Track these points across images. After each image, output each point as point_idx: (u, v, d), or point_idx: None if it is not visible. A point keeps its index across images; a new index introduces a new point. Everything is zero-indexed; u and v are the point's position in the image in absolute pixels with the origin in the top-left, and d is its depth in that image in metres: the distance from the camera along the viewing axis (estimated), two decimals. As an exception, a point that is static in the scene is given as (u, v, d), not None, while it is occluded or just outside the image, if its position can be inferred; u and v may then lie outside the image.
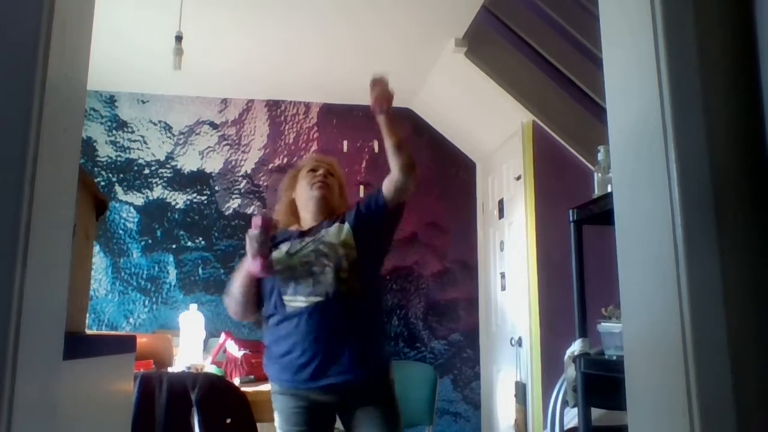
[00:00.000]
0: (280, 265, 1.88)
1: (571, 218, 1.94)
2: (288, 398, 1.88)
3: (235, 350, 2.72)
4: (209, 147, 4.15)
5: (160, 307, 3.92)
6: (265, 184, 4.15)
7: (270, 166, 4.18)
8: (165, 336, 2.98)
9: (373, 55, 3.52)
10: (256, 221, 1.84)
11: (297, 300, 1.84)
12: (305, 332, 1.80)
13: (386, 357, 1.97)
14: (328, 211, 2.01)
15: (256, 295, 1.94)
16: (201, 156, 4.13)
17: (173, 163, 4.10)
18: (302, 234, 1.96)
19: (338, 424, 1.99)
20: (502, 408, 3.74)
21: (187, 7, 2.81)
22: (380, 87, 1.82)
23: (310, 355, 1.80)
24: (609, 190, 1.79)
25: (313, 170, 2.04)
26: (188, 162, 4.11)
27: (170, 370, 2.59)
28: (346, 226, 1.91)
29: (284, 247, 1.93)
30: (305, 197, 2.02)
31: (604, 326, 1.76)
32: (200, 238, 4.04)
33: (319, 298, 1.81)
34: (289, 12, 3.04)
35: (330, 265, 1.83)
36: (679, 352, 0.77)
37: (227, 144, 4.17)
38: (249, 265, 1.86)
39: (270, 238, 1.86)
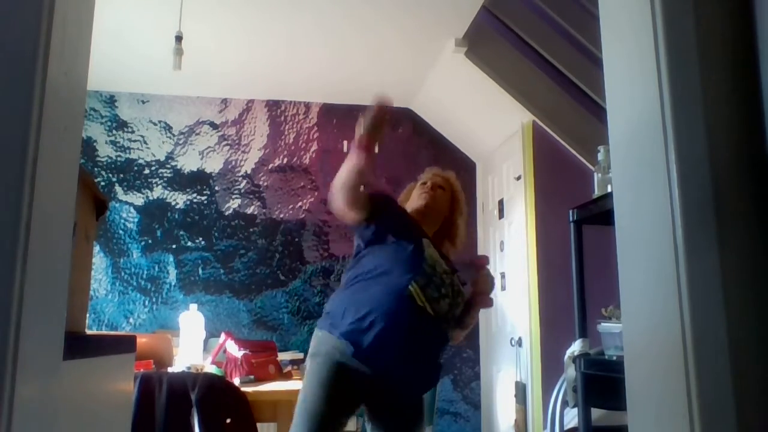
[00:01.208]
0: (429, 261, 1.87)
1: (571, 218, 1.94)
2: (332, 358, 1.78)
3: (235, 350, 2.72)
4: (209, 147, 4.15)
5: (160, 307, 3.92)
6: (265, 184, 4.15)
7: (270, 166, 4.18)
8: (165, 336, 2.98)
9: (373, 56, 3.52)
10: (375, 105, 1.84)
11: (421, 295, 1.81)
12: (407, 324, 1.77)
13: (430, 386, 2.10)
14: (429, 223, 2.07)
15: (363, 181, 1.88)
16: (201, 156, 4.13)
17: (173, 163, 4.10)
18: (431, 241, 1.97)
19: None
20: (502, 408, 3.74)
21: (187, 7, 2.81)
22: (383, 105, 1.87)
23: (392, 342, 1.76)
24: (609, 190, 1.79)
25: (425, 183, 2.14)
26: (188, 162, 4.11)
27: (170, 370, 2.59)
28: (463, 287, 2.00)
29: (429, 245, 1.93)
30: (414, 204, 2.10)
31: (604, 326, 1.76)
32: (200, 238, 4.04)
33: (432, 313, 1.82)
34: (289, 12, 3.04)
35: (449, 300, 1.88)
36: (679, 352, 0.77)
37: (227, 144, 4.17)
38: (353, 157, 1.84)
39: (384, 122, 1.86)
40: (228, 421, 2.23)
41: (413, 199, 2.11)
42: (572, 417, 2.23)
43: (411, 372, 1.84)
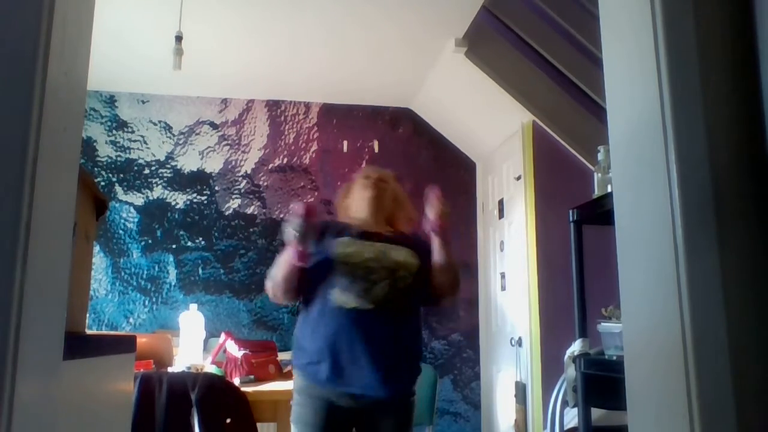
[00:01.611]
0: (341, 258, 1.85)
1: (571, 218, 1.94)
2: (308, 396, 1.86)
3: (235, 350, 2.72)
4: (209, 147, 4.15)
5: (160, 307, 3.92)
6: (265, 184, 4.15)
7: (270, 166, 4.18)
8: (165, 336, 2.98)
9: (373, 56, 3.52)
10: (298, 209, 1.78)
11: (347, 299, 1.82)
12: (347, 334, 1.79)
13: (415, 377, 1.97)
14: (383, 215, 2.05)
15: (299, 281, 1.90)
16: (201, 156, 4.13)
17: (173, 163, 4.10)
18: (363, 234, 1.94)
19: None
20: (502, 408, 3.74)
21: (187, 7, 2.81)
22: (440, 206, 1.84)
23: (345, 357, 1.79)
24: (609, 190, 1.79)
25: (367, 177, 2.12)
26: (188, 162, 4.11)
27: (170, 370, 2.59)
28: (413, 253, 1.93)
29: (346, 241, 1.91)
30: (357, 198, 2.07)
31: (604, 326, 1.76)
32: (200, 238, 4.04)
33: (370, 306, 1.81)
34: (289, 13, 3.04)
35: (388, 279, 1.84)
36: (679, 352, 0.77)
37: (227, 144, 4.17)
38: (286, 255, 1.84)
39: (312, 226, 1.82)
40: (228, 421, 2.23)
41: (357, 193, 2.09)
42: (572, 417, 2.23)
43: (385, 374, 1.81)
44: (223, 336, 2.84)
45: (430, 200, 1.85)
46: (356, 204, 2.08)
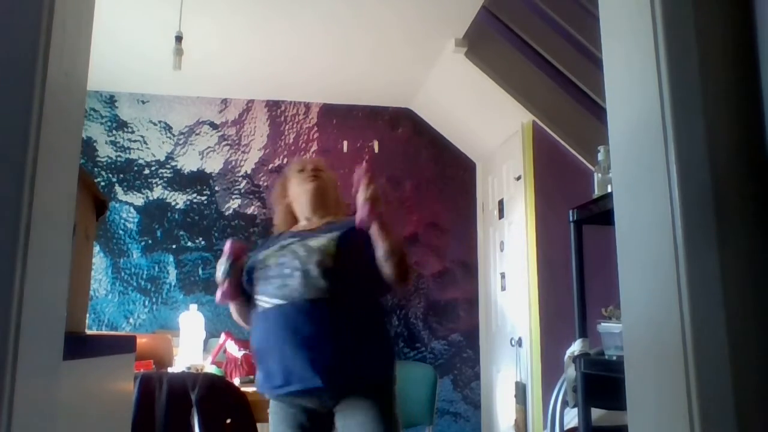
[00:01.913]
0: (258, 265, 1.84)
1: (571, 218, 1.94)
2: (275, 402, 1.85)
3: (235, 350, 2.72)
4: (209, 147, 4.15)
5: (160, 307, 3.92)
6: (265, 184, 4.15)
7: (270, 166, 4.18)
8: (165, 336, 2.99)
9: (373, 56, 3.52)
10: (228, 246, 1.84)
11: (264, 300, 1.79)
12: (273, 333, 1.75)
13: (371, 363, 1.79)
14: (326, 207, 1.98)
15: (246, 305, 1.91)
16: (201, 156, 4.13)
17: (173, 163, 4.10)
18: (296, 234, 1.92)
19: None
20: (502, 408, 3.74)
21: (187, 7, 2.81)
22: (371, 191, 1.70)
23: (277, 357, 1.73)
24: (609, 190, 1.79)
25: (301, 170, 2.03)
26: (188, 162, 4.11)
27: (170, 370, 2.59)
28: (335, 234, 1.82)
29: (269, 250, 1.88)
30: (300, 193, 1.98)
31: (604, 326, 1.76)
32: (200, 239, 4.04)
33: (281, 301, 1.74)
34: (289, 13, 3.04)
35: (299, 269, 1.75)
36: (679, 352, 0.77)
37: (227, 144, 4.17)
38: (216, 293, 1.88)
39: (239, 266, 1.84)
40: (228, 421, 2.23)
41: (295, 187, 2.01)
42: (572, 417, 2.23)
43: (319, 363, 1.69)
44: (223, 336, 2.84)
45: (358, 184, 1.73)
46: (298, 201, 2.00)
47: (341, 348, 1.72)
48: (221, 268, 1.82)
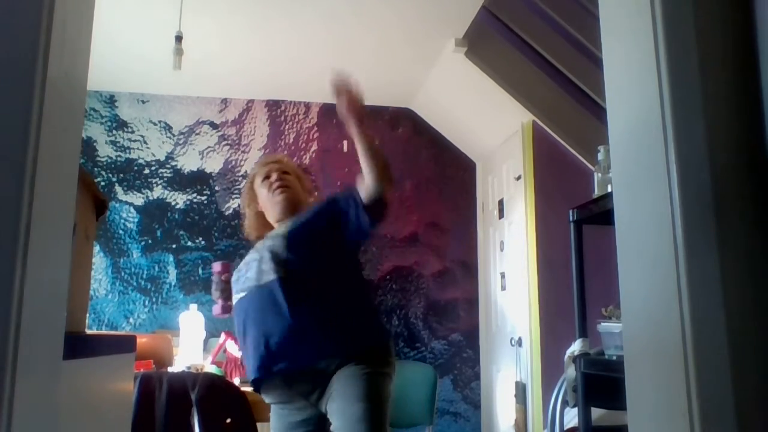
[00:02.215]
0: (238, 271, 1.93)
1: (571, 218, 1.94)
2: (267, 394, 1.84)
3: (235, 350, 2.72)
4: (209, 147, 4.15)
5: (160, 307, 3.92)
6: (265, 184, 4.15)
7: (270, 166, 4.18)
8: (165, 336, 2.98)
9: (373, 56, 3.52)
10: (215, 268, 2.07)
11: (239, 294, 1.84)
12: (251, 319, 1.76)
13: (355, 342, 1.74)
14: (298, 208, 1.99)
15: None
16: (201, 156, 4.13)
17: (173, 163, 4.10)
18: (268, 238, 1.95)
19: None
20: (502, 408, 3.74)
21: (187, 7, 2.81)
22: (349, 91, 1.65)
23: (258, 339, 1.73)
24: (609, 190, 1.79)
25: (267, 177, 1.99)
26: (188, 162, 4.11)
27: (170, 369, 2.59)
28: (299, 217, 1.88)
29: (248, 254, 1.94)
30: (270, 205, 1.97)
31: (604, 326, 1.76)
32: (200, 238, 4.04)
33: (253, 283, 1.77)
34: (289, 13, 3.04)
35: (269, 250, 1.78)
36: (679, 352, 0.77)
37: (227, 144, 4.17)
38: (213, 307, 2.04)
39: (227, 282, 2.02)
40: (228, 421, 2.23)
41: (265, 198, 1.98)
42: (572, 417, 2.23)
43: (301, 342, 1.68)
44: (223, 336, 2.83)
45: (337, 86, 1.65)
46: (269, 211, 1.99)
47: (317, 320, 1.70)
48: (215, 287, 2.09)
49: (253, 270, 1.81)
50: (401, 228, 4.18)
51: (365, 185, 1.76)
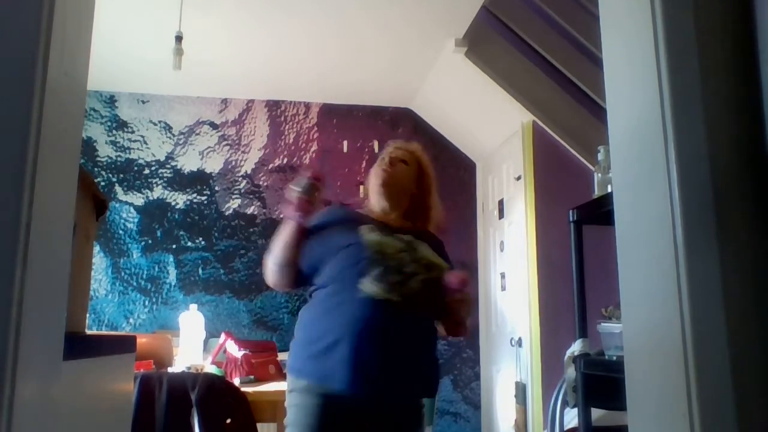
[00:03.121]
0: (373, 246, 1.65)
1: (571, 218, 1.94)
2: (308, 394, 1.60)
3: (235, 350, 2.72)
4: (209, 147, 4.15)
5: (160, 307, 3.92)
6: (265, 184, 4.15)
7: (270, 166, 4.18)
8: (165, 336, 2.98)
9: (373, 56, 3.52)
10: (306, 172, 1.69)
11: (378, 289, 1.59)
12: (372, 324, 1.57)
13: (431, 385, 1.76)
14: (398, 203, 1.83)
15: (298, 257, 1.73)
16: (201, 156, 4.13)
17: (173, 163, 4.10)
18: (381, 224, 1.76)
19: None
20: (502, 408, 3.74)
21: (187, 7, 2.81)
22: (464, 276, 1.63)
23: (365, 349, 1.55)
24: (609, 190, 1.79)
25: (383, 158, 1.87)
26: (188, 162, 4.11)
27: (170, 370, 2.59)
28: (440, 257, 1.74)
29: (371, 228, 1.71)
30: (372, 185, 1.86)
31: (604, 326, 1.76)
32: (200, 238, 4.04)
33: (399, 298, 1.60)
34: (289, 13, 3.04)
35: (422, 275, 1.63)
36: (679, 352, 0.77)
37: (227, 144, 4.17)
38: (292, 217, 1.70)
39: (319, 190, 1.68)
40: (228, 421, 2.23)
41: (372, 179, 1.87)
42: (572, 417, 2.23)
43: (406, 374, 1.62)
44: (223, 336, 2.84)
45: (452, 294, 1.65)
46: (371, 192, 1.87)
47: (427, 369, 1.72)
48: (299, 186, 1.66)
49: (411, 282, 1.62)
50: (401, 228, 4.18)
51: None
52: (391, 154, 1.88)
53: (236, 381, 2.56)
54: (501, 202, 3.87)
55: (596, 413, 1.90)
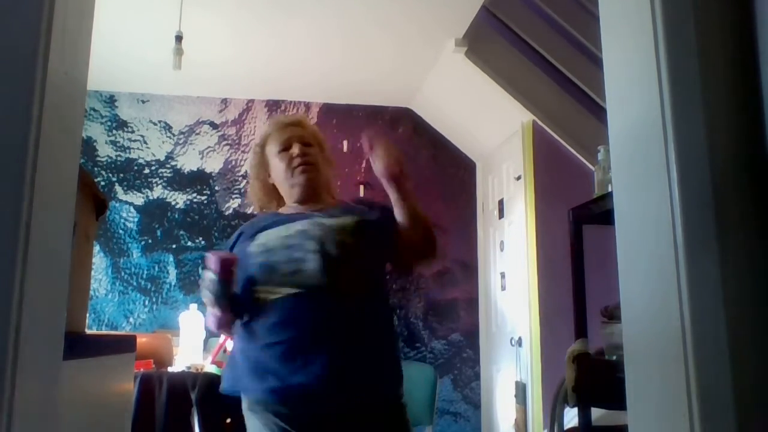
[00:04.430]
0: (256, 251, 1.48)
1: (570, 218, 1.94)
2: (257, 414, 1.48)
3: (235, 350, 2.72)
4: (209, 147, 4.15)
5: (160, 307, 3.92)
6: (265, 184, 4.15)
7: (270, 166, 4.18)
8: (165, 336, 2.99)
9: (373, 56, 3.52)
10: (211, 262, 1.40)
11: (270, 292, 1.43)
12: (275, 330, 1.41)
13: (393, 378, 1.50)
14: (319, 190, 1.64)
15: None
16: (201, 156, 4.13)
17: (173, 163, 4.10)
18: (297, 215, 1.57)
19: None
20: (502, 408, 3.74)
21: (187, 7, 2.81)
22: (388, 152, 1.43)
23: (278, 356, 1.40)
24: (609, 190, 1.79)
25: (286, 149, 1.62)
26: (188, 162, 4.11)
27: (170, 369, 2.59)
28: (354, 215, 1.54)
29: (261, 235, 1.52)
30: (287, 185, 1.62)
31: (604, 326, 1.76)
32: (200, 238, 4.04)
33: (296, 290, 1.41)
34: (289, 13, 3.04)
35: (317, 248, 1.43)
36: (679, 352, 0.77)
37: (227, 144, 4.17)
38: (207, 318, 1.50)
39: (231, 284, 1.42)
40: (228, 421, 2.23)
41: (280, 173, 1.61)
42: (572, 417, 2.23)
43: (338, 371, 1.38)
44: (223, 336, 2.83)
45: (371, 148, 1.44)
46: (284, 188, 1.64)
47: (372, 359, 1.46)
48: (211, 287, 1.40)
49: (304, 264, 1.43)
50: (401, 228, 4.17)
51: (404, 258, 1.56)
52: (294, 140, 1.63)
53: (236, 381, 2.56)
54: (501, 202, 3.87)
55: (596, 413, 1.90)
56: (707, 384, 0.75)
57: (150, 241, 3.99)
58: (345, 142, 4.23)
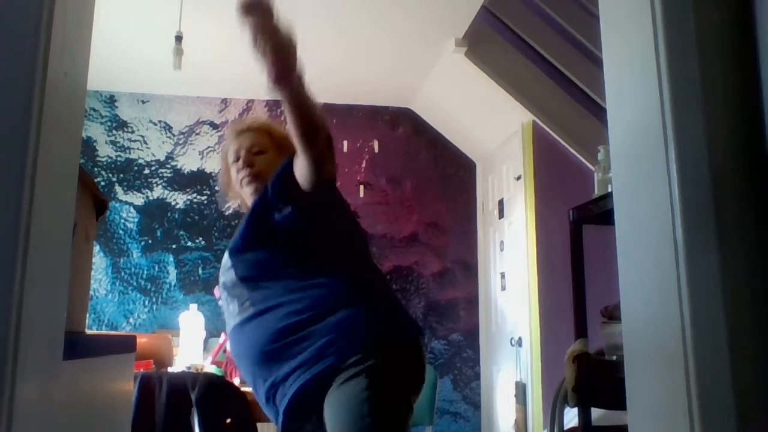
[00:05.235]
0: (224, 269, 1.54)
1: (570, 218, 1.94)
2: None
3: (235, 350, 2.72)
4: (209, 147, 4.15)
5: (160, 307, 3.92)
6: (265, 184, 4.15)
7: (270, 166, 4.18)
8: (165, 336, 2.98)
9: (373, 56, 3.52)
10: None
11: (231, 318, 1.47)
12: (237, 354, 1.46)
13: (364, 345, 1.32)
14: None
15: None
16: (201, 156, 4.13)
17: (173, 163, 4.10)
18: None
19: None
20: (502, 408, 3.74)
21: (187, 7, 2.81)
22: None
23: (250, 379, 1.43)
24: (609, 190, 1.79)
25: (236, 159, 1.63)
26: (188, 162, 4.11)
27: (170, 369, 2.59)
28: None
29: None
30: (242, 193, 1.65)
31: (605, 326, 1.76)
32: (200, 238, 4.04)
33: (248, 312, 1.41)
34: (289, 13, 3.04)
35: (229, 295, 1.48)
36: (679, 352, 0.77)
37: (227, 144, 4.17)
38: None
39: None
40: (228, 421, 2.23)
41: (237, 187, 1.65)
42: (572, 417, 2.23)
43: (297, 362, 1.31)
44: (223, 336, 2.83)
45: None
46: (244, 197, 1.66)
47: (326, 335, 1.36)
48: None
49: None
50: (401, 228, 4.18)
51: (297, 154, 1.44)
52: (242, 149, 1.62)
53: (236, 381, 2.56)
54: (501, 202, 3.87)
55: (596, 413, 1.90)
56: (707, 384, 0.75)
57: (150, 241, 3.99)
58: (345, 142, 4.23)
